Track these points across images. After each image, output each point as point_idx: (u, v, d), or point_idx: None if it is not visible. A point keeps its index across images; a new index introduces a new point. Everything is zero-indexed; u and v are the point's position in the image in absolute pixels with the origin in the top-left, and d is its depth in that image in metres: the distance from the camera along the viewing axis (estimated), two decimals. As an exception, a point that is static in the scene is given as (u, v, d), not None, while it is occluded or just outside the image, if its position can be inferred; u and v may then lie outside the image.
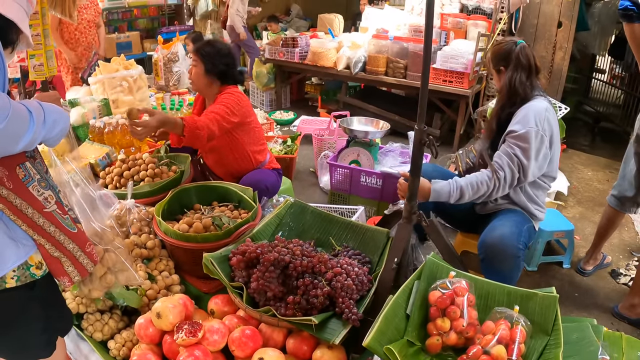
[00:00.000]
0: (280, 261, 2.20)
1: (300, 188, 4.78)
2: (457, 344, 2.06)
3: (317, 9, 9.99)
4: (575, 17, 5.92)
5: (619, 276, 3.81)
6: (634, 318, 3.27)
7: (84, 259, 1.87)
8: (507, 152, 2.73)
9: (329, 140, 5.05)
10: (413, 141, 2.26)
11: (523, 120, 2.72)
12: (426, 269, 2.26)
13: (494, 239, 2.66)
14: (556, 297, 2.22)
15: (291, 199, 2.84)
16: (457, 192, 2.73)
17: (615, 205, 3.55)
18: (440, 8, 7.09)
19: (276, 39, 7.06)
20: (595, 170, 6.13)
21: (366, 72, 6.45)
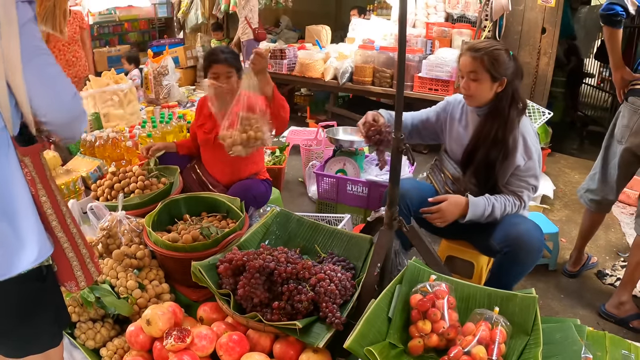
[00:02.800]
0: (265, 268, 2.27)
1: (290, 198, 4.82)
2: (438, 345, 2.11)
3: (306, 20, 10.04)
4: (559, 23, 6.01)
5: (605, 277, 3.86)
6: (621, 317, 3.31)
7: (92, 267, 1.92)
8: (523, 186, 2.77)
9: (316, 150, 5.10)
10: (391, 149, 2.32)
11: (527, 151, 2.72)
12: (408, 273, 2.32)
13: (521, 231, 2.63)
14: (535, 297, 2.27)
15: (277, 208, 2.91)
16: (489, 210, 2.72)
17: (595, 210, 3.65)
18: (426, 17, 7.19)
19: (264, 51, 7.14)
20: (582, 174, 6.18)
21: (353, 82, 6.52)
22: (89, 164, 3.85)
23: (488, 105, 2.76)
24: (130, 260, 2.66)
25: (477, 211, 2.68)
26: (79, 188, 3.66)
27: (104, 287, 2.52)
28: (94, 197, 3.37)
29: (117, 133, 4.40)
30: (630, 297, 3.32)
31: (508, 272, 2.64)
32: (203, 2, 9.36)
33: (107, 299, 2.46)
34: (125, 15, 9.47)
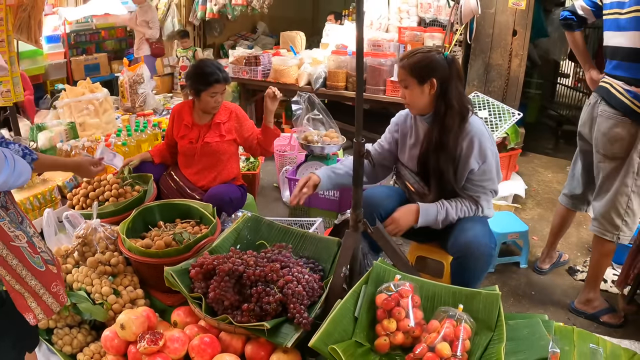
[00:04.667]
0: (234, 271, 2.34)
1: (265, 203, 4.85)
2: (404, 343, 2.19)
3: (283, 26, 10.02)
4: (530, 26, 6.09)
5: (576, 273, 3.94)
6: (590, 312, 3.39)
7: (48, 298, 1.95)
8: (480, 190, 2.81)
9: (289, 156, 5.13)
10: (353, 153, 2.39)
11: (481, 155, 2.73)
12: (373, 274, 2.41)
13: (469, 237, 2.68)
14: (498, 294, 2.35)
15: (248, 214, 2.98)
16: (442, 214, 2.78)
17: (566, 204, 3.71)
18: (399, 21, 7.26)
19: (239, 58, 7.15)
20: (555, 172, 6.33)
21: (327, 87, 6.55)
22: (65, 173, 3.88)
23: (432, 112, 2.79)
24: (104, 267, 2.71)
25: (429, 217, 2.76)
26: (55, 197, 3.69)
27: (80, 293, 2.57)
28: (70, 206, 3.41)
29: (92, 142, 4.43)
30: (597, 293, 3.41)
31: (462, 276, 2.69)
32: (179, 10, 9.35)
33: (82, 305, 2.51)
34: (102, 24, 9.41)
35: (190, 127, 3.62)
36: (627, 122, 2.99)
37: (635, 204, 3.11)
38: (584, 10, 3.29)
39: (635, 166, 3.03)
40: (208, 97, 3.47)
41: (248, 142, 3.71)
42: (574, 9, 3.33)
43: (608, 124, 3.07)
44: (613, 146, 3.07)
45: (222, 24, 9.87)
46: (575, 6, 3.33)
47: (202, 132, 3.60)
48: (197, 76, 3.47)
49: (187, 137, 3.62)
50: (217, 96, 3.49)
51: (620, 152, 3.05)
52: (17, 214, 1.98)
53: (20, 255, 1.87)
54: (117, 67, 8.84)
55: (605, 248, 3.25)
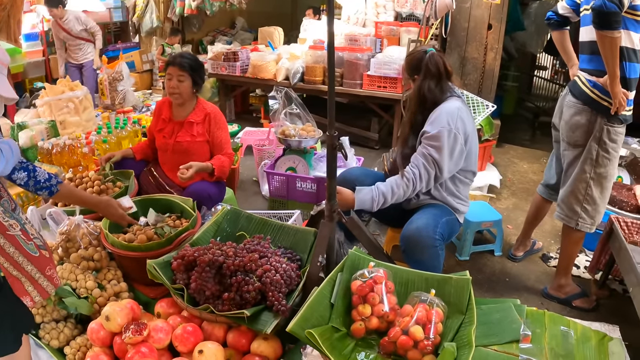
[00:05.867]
0: (214, 262, 2.41)
1: (244, 197, 4.88)
2: (379, 327, 2.27)
3: (261, 21, 10.07)
4: (505, 19, 6.18)
5: (550, 260, 4.05)
6: (563, 297, 3.49)
7: (44, 281, 2.03)
8: (422, 153, 2.89)
9: (268, 150, 5.18)
10: (326, 146, 2.47)
11: (435, 122, 2.88)
12: (348, 262, 2.48)
13: (411, 231, 2.80)
14: (469, 279, 2.44)
15: (228, 207, 3.04)
16: (379, 197, 2.86)
17: (542, 194, 3.80)
18: (376, 16, 7.34)
19: (218, 54, 7.19)
20: (531, 163, 6.44)
21: (305, 82, 6.62)
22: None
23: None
24: (88, 262, 2.76)
25: (365, 200, 2.86)
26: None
27: (65, 288, 2.61)
28: (53, 203, 3.44)
29: (73, 140, 4.47)
30: (569, 279, 3.51)
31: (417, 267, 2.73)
32: (158, 6, 9.35)
33: (68, 299, 2.55)
34: (79, 20, 9.39)
35: (167, 122, 3.67)
36: (587, 110, 3.10)
37: (596, 192, 3.20)
38: (565, 9, 3.39)
39: (594, 153, 3.12)
40: (166, 81, 3.57)
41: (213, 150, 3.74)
42: (557, 9, 3.44)
43: (570, 112, 3.19)
44: (574, 134, 3.18)
45: (201, 20, 9.90)
46: (558, 6, 3.44)
47: (175, 129, 3.65)
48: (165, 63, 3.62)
49: (163, 132, 3.68)
50: (172, 80, 3.52)
51: (581, 140, 3.16)
52: (10, 201, 2.06)
53: (16, 243, 1.94)
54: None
55: (574, 236, 3.35)
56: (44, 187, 2.34)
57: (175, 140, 3.62)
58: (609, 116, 3.05)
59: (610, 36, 2.72)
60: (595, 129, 3.09)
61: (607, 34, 2.72)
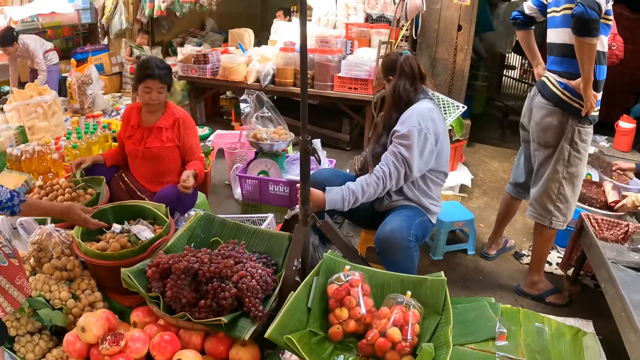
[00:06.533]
0: (190, 269, 2.41)
1: (217, 201, 4.85)
2: (357, 330, 2.29)
3: (232, 22, 9.98)
4: (474, 21, 6.25)
5: (522, 257, 4.13)
6: (536, 294, 3.55)
7: (14, 291, 2.00)
8: (392, 151, 2.92)
9: (240, 153, 5.16)
10: (299, 150, 2.48)
11: (407, 121, 2.93)
12: (324, 265, 2.50)
13: (385, 232, 2.83)
14: (444, 280, 2.47)
15: (201, 212, 3.02)
16: (350, 196, 2.87)
17: (511, 192, 3.86)
18: (346, 18, 7.34)
19: (188, 57, 7.14)
20: (501, 162, 6.52)
21: (275, 84, 6.59)
22: (16, 179, 3.85)
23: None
24: (61, 272, 2.73)
25: (335, 200, 2.87)
26: (7, 204, 3.67)
27: (39, 299, 2.58)
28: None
29: (42, 146, 4.41)
30: (541, 276, 3.58)
31: (390, 269, 2.77)
32: (127, 7, 9.24)
33: (42, 311, 2.52)
34: (48, 23, 9.16)
35: (136, 128, 3.63)
36: (558, 112, 3.15)
37: (568, 191, 3.26)
38: (531, 9, 3.44)
39: (566, 154, 3.18)
40: (143, 93, 3.48)
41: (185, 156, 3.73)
42: (523, 9, 3.49)
43: (541, 113, 3.24)
44: (545, 135, 3.23)
45: (170, 21, 9.80)
46: (524, 6, 3.49)
47: (145, 135, 3.61)
48: (137, 69, 3.53)
49: (132, 138, 3.64)
50: (151, 93, 3.47)
51: (552, 141, 3.21)
52: None
53: None
54: (65, 68, 8.68)
55: (546, 233, 3.41)
56: (6, 207, 2.24)
57: (145, 147, 3.59)
58: (579, 117, 3.10)
59: (589, 43, 2.76)
60: (567, 130, 3.14)
61: (587, 41, 2.75)
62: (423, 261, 3.92)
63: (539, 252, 3.52)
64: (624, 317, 2.56)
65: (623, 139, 6.61)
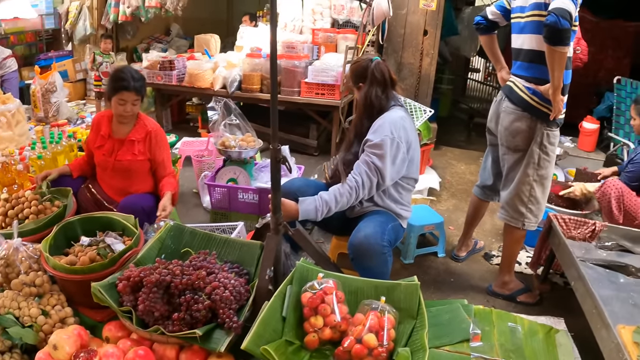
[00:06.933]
0: (162, 282, 2.38)
1: (185, 210, 4.79)
2: (333, 337, 2.30)
3: (197, 27, 9.96)
4: (440, 25, 6.34)
5: (492, 258, 4.19)
6: (507, 294, 3.60)
7: None
8: (365, 161, 2.92)
9: (207, 161, 5.11)
10: (270, 159, 2.48)
11: (379, 130, 2.93)
12: (297, 274, 2.51)
13: (360, 239, 2.83)
14: (417, 284, 2.50)
15: (171, 222, 3.00)
16: (323, 206, 2.87)
17: (479, 195, 3.91)
18: (313, 23, 7.37)
19: (153, 63, 7.07)
20: (468, 164, 6.62)
21: (242, 90, 6.57)
22: (-17, 190, 3.79)
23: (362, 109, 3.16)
24: (29, 288, 2.66)
25: (308, 210, 2.86)
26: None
27: (8, 317, 2.51)
28: (-11, 226, 3.33)
29: (6, 157, 4.32)
30: (512, 276, 3.63)
31: (366, 275, 2.78)
32: (91, 13, 9.13)
33: (12, 329, 2.45)
34: (10, 28, 8.98)
35: (106, 139, 3.57)
36: (526, 116, 3.19)
37: (538, 192, 3.31)
38: (494, 14, 3.48)
39: (536, 157, 3.22)
40: (116, 104, 3.42)
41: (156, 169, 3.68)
42: (486, 14, 3.52)
43: (509, 118, 3.27)
44: (515, 139, 3.27)
45: (135, 27, 9.72)
46: (487, 11, 3.52)
47: (116, 146, 3.56)
48: (111, 80, 3.44)
49: (102, 149, 3.58)
50: (126, 105, 3.42)
51: (522, 145, 3.25)
52: None
53: None
54: (28, 74, 8.54)
55: (515, 235, 3.46)
56: None
57: (116, 159, 3.54)
58: (548, 121, 3.15)
59: (561, 51, 2.79)
60: (536, 134, 3.18)
61: (559, 49, 2.78)
62: (395, 265, 3.90)
63: (509, 252, 3.57)
64: (595, 314, 2.60)
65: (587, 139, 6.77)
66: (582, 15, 8.63)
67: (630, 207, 3.95)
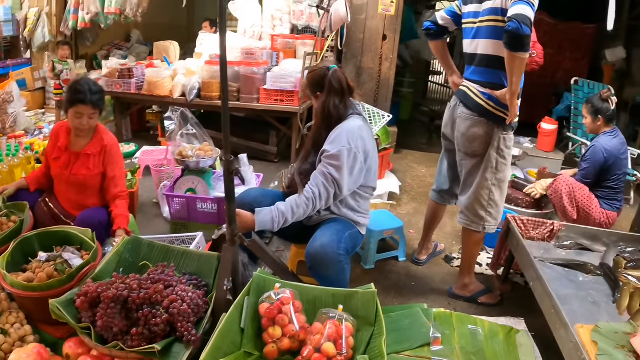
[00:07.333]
0: (119, 297, 2.38)
1: (145, 221, 4.71)
2: (292, 347, 2.34)
3: (158, 33, 9.84)
4: (399, 30, 6.42)
5: (452, 260, 4.23)
6: (468, 296, 3.64)
7: None
8: (322, 172, 2.92)
9: (167, 171, 5.07)
10: (216, 173, 2.49)
11: (336, 141, 2.92)
12: (254, 285, 2.53)
13: (316, 248, 2.81)
14: (374, 292, 2.53)
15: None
16: (280, 217, 2.86)
17: (436, 199, 3.94)
18: (272, 29, 7.37)
19: (112, 71, 6.99)
20: (428, 167, 6.69)
21: (201, 98, 6.51)
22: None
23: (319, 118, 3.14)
24: (-13, 307, 2.64)
25: (265, 221, 2.85)
26: None
27: None
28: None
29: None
30: (472, 278, 3.68)
31: (323, 283, 2.81)
32: (50, 19, 8.98)
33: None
34: (-37, 36, 8.89)
35: (63, 151, 3.53)
36: (483, 122, 3.22)
37: (497, 196, 3.36)
38: (444, 20, 3.51)
39: (493, 162, 3.27)
40: (73, 117, 3.38)
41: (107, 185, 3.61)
42: (436, 19, 3.55)
43: (466, 124, 3.30)
44: (472, 145, 3.30)
45: (95, 34, 9.58)
46: (436, 16, 3.55)
47: (72, 160, 3.52)
48: (69, 91, 3.39)
49: (59, 161, 3.53)
50: (82, 118, 3.37)
51: (479, 150, 3.29)
52: None
53: None
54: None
55: (474, 237, 3.50)
56: None
57: (71, 173, 3.50)
58: (504, 126, 3.19)
59: (521, 57, 2.80)
60: (494, 139, 3.22)
61: (520, 56, 2.79)
62: (355, 271, 3.96)
63: (468, 255, 3.60)
64: (553, 314, 2.63)
65: (546, 139, 6.92)
66: (541, 18, 8.84)
67: (582, 202, 4.06)
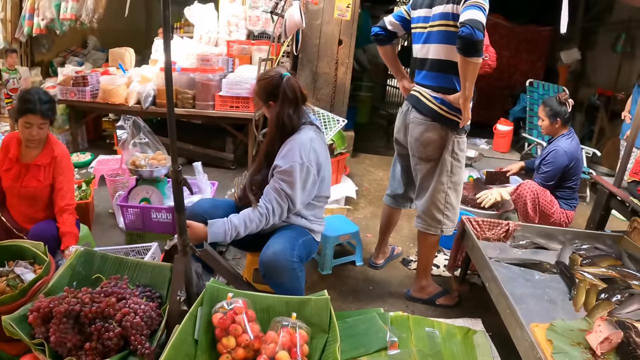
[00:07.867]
0: (71, 311, 2.36)
1: (101, 231, 4.65)
2: (246, 357, 2.34)
3: (115, 39, 9.74)
4: (355, 35, 6.47)
5: (410, 263, 4.28)
6: (426, 298, 3.68)
7: None
8: (275, 187, 2.91)
9: (121, 180, 5.01)
10: (171, 182, 2.48)
11: (288, 155, 2.91)
12: (207, 295, 2.52)
13: (269, 256, 2.82)
14: (327, 298, 2.55)
15: (80, 248, 2.95)
16: (232, 230, 2.86)
17: (390, 204, 3.99)
18: (228, 35, 7.38)
19: (67, 79, 6.90)
20: (386, 170, 6.72)
21: (157, 105, 6.50)
22: None
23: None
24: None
25: (217, 233, 2.85)
26: None
27: None
28: None
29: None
30: (429, 280, 3.72)
31: (279, 292, 2.82)
32: (5, 26, 8.81)
33: None
34: None
35: (14, 162, 3.48)
36: (436, 126, 3.27)
37: (453, 198, 3.42)
38: (393, 25, 3.53)
39: (448, 165, 3.32)
40: (22, 127, 3.33)
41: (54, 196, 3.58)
42: (384, 25, 3.56)
43: (419, 129, 3.34)
44: (426, 149, 3.35)
45: (51, 40, 9.44)
46: (385, 21, 3.57)
47: (22, 171, 3.47)
48: (18, 101, 3.35)
49: (10, 173, 3.48)
50: (32, 128, 3.33)
51: (434, 155, 3.34)
52: None
53: None
54: None
55: (430, 240, 3.55)
56: None
57: (22, 185, 3.46)
58: (458, 129, 3.25)
59: (475, 62, 2.83)
60: (448, 143, 3.27)
61: (473, 61, 2.82)
62: (312, 277, 3.98)
63: (424, 257, 3.65)
64: (509, 314, 2.66)
65: (501, 140, 7.07)
66: (497, 22, 9.01)
67: (544, 207, 4.16)
